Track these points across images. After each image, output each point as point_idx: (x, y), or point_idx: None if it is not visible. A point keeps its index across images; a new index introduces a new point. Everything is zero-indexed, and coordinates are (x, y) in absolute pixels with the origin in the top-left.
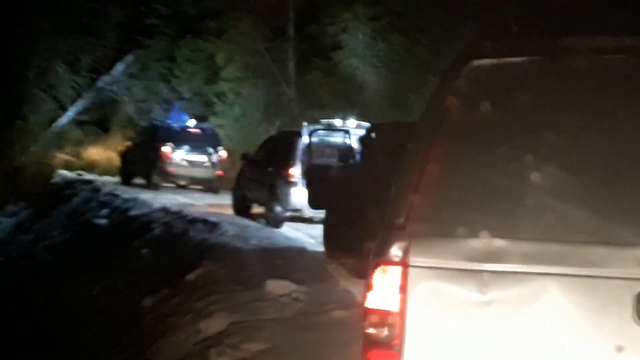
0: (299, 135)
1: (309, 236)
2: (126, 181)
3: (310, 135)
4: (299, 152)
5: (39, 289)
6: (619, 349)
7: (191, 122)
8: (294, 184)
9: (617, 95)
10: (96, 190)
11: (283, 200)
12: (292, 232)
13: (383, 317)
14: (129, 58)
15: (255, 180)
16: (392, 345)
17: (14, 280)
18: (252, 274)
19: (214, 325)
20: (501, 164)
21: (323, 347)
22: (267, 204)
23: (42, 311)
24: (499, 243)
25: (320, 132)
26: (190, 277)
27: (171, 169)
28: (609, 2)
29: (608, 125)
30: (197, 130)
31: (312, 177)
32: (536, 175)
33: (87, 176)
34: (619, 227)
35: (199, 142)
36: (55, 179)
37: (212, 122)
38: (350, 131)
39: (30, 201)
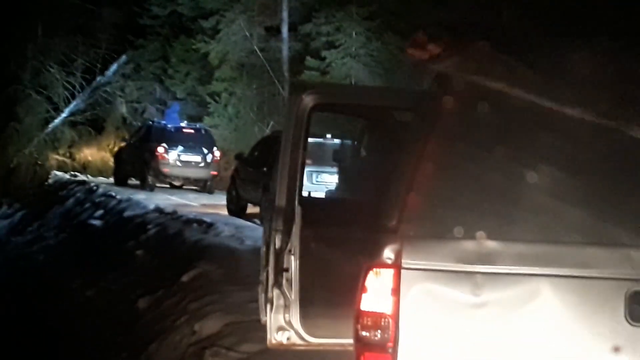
0: None
1: None
2: (120, 182)
3: None
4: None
5: (33, 290)
6: (614, 349)
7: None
8: None
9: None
10: (90, 191)
11: None
12: None
13: (376, 320)
14: (123, 58)
15: (250, 180)
16: (385, 348)
17: (9, 282)
18: (247, 274)
19: (209, 326)
20: (494, 165)
21: (319, 348)
22: (262, 204)
23: (37, 313)
24: (491, 244)
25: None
26: (185, 278)
27: (165, 170)
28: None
29: (603, 126)
30: (191, 131)
31: None
32: (529, 177)
33: (81, 177)
34: (612, 228)
35: (193, 143)
36: (49, 180)
37: (206, 122)
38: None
39: (24, 203)
